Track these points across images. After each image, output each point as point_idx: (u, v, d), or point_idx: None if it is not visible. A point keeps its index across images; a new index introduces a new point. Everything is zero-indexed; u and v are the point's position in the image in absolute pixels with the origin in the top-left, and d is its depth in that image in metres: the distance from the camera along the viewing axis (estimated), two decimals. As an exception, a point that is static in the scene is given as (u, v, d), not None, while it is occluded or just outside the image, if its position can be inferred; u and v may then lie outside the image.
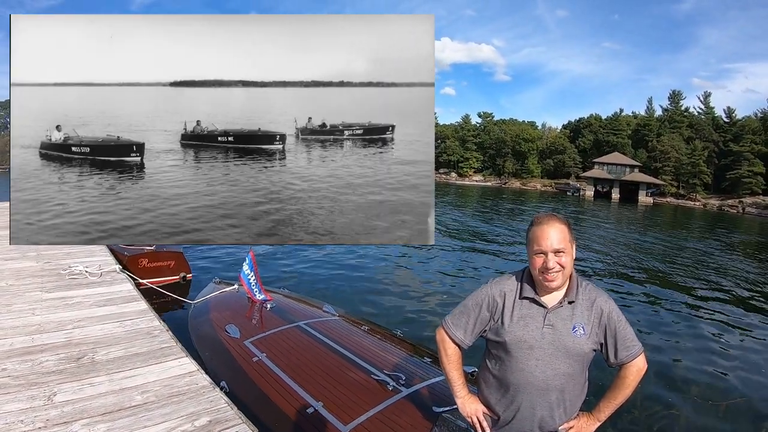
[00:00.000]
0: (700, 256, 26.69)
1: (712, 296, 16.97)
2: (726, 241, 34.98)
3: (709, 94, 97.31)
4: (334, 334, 6.92)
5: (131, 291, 8.71)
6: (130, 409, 4.65)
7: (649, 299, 15.89)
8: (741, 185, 78.18)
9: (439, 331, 3.22)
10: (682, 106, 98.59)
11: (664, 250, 27.96)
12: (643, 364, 3.00)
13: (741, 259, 27.06)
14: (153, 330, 6.82)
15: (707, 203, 79.19)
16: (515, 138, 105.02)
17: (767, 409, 8.45)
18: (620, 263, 22.43)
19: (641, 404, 8.11)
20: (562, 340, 2.89)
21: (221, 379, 5.97)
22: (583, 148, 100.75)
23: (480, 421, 3.16)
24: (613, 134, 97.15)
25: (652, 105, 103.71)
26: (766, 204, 72.50)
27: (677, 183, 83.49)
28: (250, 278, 8.75)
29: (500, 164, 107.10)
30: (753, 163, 78.04)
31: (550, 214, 2.94)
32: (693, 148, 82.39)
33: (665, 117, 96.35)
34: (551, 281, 2.87)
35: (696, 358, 10.66)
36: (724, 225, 50.64)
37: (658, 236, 34.75)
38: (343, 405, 5.03)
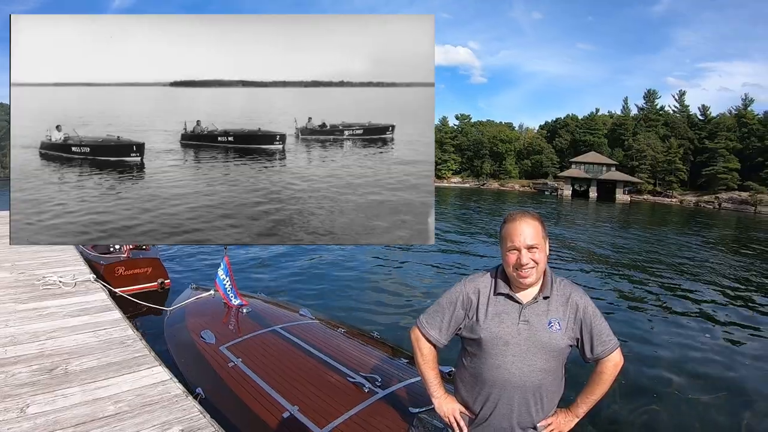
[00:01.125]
0: (677, 251, 26.81)
1: (690, 291, 16.97)
2: (703, 236, 35.21)
3: (683, 92, 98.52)
4: (310, 337, 6.79)
5: (105, 300, 8.52)
6: (103, 420, 4.52)
7: (627, 295, 15.86)
8: (717, 181, 78.84)
9: (414, 330, 3.15)
10: (658, 105, 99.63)
11: (642, 246, 28.08)
12: (620, 359, 2.97)
13: (718, 253, 27.21)
14: (126, 339, 6.66)
15: (684, 200, 79.82)
16: (493, 139, 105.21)
17: (748, 403, 8.37)
18: (599, 260, 22.53)
19: (622, 400, 8.02)
20: (537, 335, 2.84)
21: (197, 386, 5.83)
22: (560, 148, 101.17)
23: (457, 420, 3.07)
24: (589, 134, 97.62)
25: (628, 104, 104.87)
26: (742, 199, 73.18)
27: (654, 180, 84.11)
28: (225, 283, 8.58)
29: (478, 165, 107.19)
30: (728, 160, 78.74)
31: (523, 211, 2.91)
32: (669, 146, 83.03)
33: (641, 116, 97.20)
34: (525, 277, 2.82)
35: (675, 352, 10.59)
36: (701, 221, 51.10)
37: (635, 233, 34.98)
38: (319, 408, 4.92)
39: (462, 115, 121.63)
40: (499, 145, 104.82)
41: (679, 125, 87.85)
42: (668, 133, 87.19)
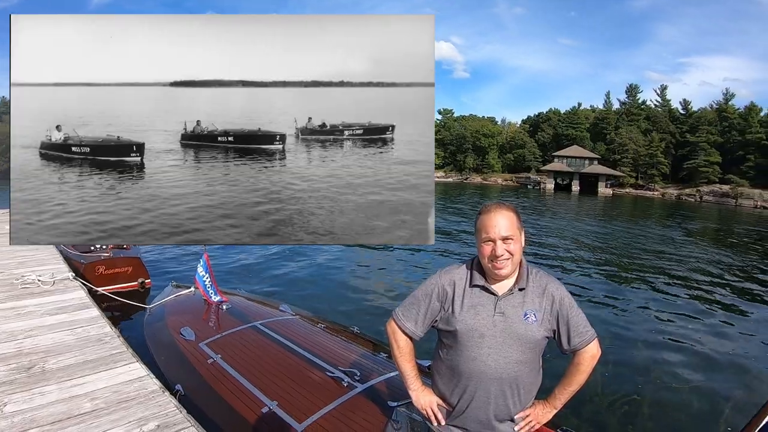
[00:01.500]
0: (659, 243, 26.99)
1: (670, 282, 17.09)
2: (685, 229, 35.52)
3: (665, 87, 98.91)
4: (289, 333, 6.76)
5: (84, 298, 8.49)
6: (79, 417, 4.51)
7: (609, 286, 15.99)
8: (698, 174, 79.55)
9: (390, 323, 3.14)
10: (639, 99, 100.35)
11: (624, 238, 28.27)
12: (597, 350, 2.97)
13: (700, 245, 27.43)
14: (104, 336, 6.65)
15: (666, 193, 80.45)
16: (475, 134, 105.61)
17: (730, 392, 8.39)
18: (580, 252, 22.65)
19: (602, 391, 8.02)
20: (513, 327, 2.83)
21: (176, 383, 5.79)
22: (543, 142, 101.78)
23: (434, 412, 3.07)
24: (572, 128, 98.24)
25: (610, 99, 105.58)
26: (723, 192, 73.94)
27: (636, 174, 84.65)
28: (205, 280, 8.50)
29: (461, 160, 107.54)
30: (709, 153, 79.44)
31: (498, 203, 2.89)
32: (650, 139, 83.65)
33: (623, 110, 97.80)
34: (500, 269, 2.81)
35: (656, 343, 10.65)
36: (683, 213, 51.66)
37: (618, 226, 35.19)
38: (298, 404, 4.90)
39: (445, 109, 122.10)
40: (481, 139, 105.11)
41: (660, 119, 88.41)
42: (650, 127, 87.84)
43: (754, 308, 14.10)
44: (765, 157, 74.43)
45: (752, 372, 9.34)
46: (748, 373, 9.28)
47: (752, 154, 76.43)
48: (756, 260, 22.96)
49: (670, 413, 7.58)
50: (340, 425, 4.54)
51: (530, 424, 3.03)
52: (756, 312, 13.71)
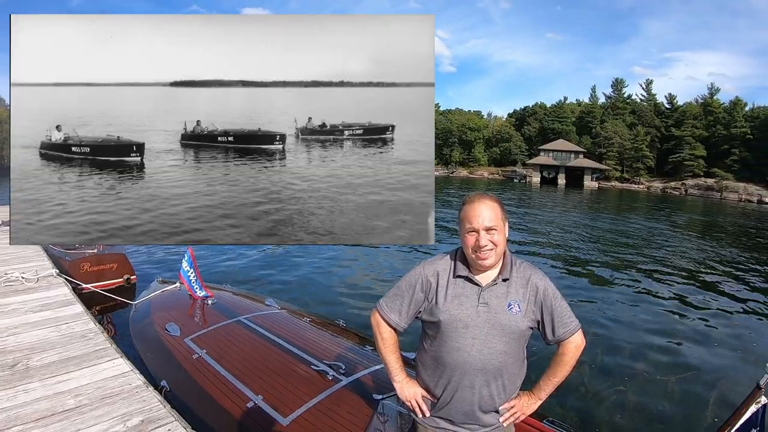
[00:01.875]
0: (645, 235, 27.24)
1: (656, 274, 17.24)
2: (670, 221, 35.77)
3: (651, 81, 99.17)
4: (274, 327, 6.77)
5: (68, 295, 8.49)
6: (63, 414, 4.53)
7: (594, 278, 16.12)
8: (683, 168, 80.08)
9: (374, 314, 3.12)
10: (625, 93, 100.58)
11: (610, 231, 28.42)
12: (581, 341, 2.96)
13: (685, 237, 27.68)
14: (88, 333, 6.66)
15: (651, 186, 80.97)
16: (461, 127, 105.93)
17: (715, 383, 8.45)
18: (567, 245, 22.77)
19: (588, 382, 8.08)
20: (497, 317, 2.82)
21: (161, 379, 5.78)
22: (529, 136, 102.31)
23: (419, 404, 3.04)
24: (557, 122, 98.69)
25: (596, 93, 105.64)
26: (708, 185, 74.55)
27: (621, 167, 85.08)
28: (190, 275, 8.48)
29: (447, 154, 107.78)
30: (694, 147, 79.96)
31: (481, 193, 2.88)
32: (636, 133, 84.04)
33: (608, 104, 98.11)
34: (484, 259, 2.80)
35: (641, 334, 10.73)
36: (668, 206, 51.94)
37: (603, 218, 35.42)
38: (283, 397, 4.90)
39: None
40: (467, 133, 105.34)
41: (646, 113, 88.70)
42: (635, 121, 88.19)
43: (738, 300, 14.23)
44: (749, 151, 75.15)
45: (736, 364, 9.44)
46: (732, 364, 9.38)
47: (737, 148, 77.13)
48: (741, 253, 23.09)
49: (655, 404, 7.62)
50: (326, 419, 4.55)
51: (515, 415, 3.04)
52: (740, 304, 13.85)
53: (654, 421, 7.20)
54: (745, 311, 13.06)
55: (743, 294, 15.03)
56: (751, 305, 13.76)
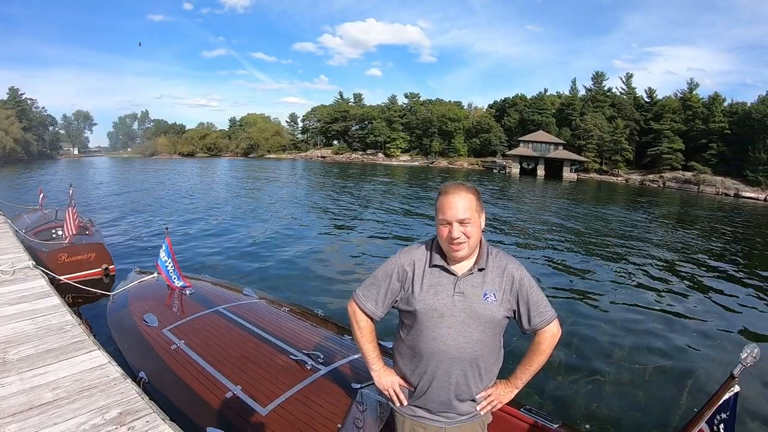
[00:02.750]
0: (622, 225, 27.94)
1: (633, 264, 17.58)
2: (647, 212, 36.79)
3: (631, 75, 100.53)
4: (253, 317, 6.74)
5: (45, 287, 8.19)
6: (41, 407, 4.42)
7: (571, 267, 16.35)
8: (661, 161, 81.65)
9: (351, 303, 3.12)
10: (605, 86, 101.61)
11: (588, 221, 29.12)
12: (557, 330, 2.98)
13: (661, 228, 28.45)
14: (65, 325, 6.48)
15: (629, 178, 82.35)
16: (442, 118, 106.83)
17: (691, 372, 8.58)
18: (544, 235, 23.14)
19: (565, 370, 8.17)
20: (473, 307, 2.83)
21: (140, 370, 5.71)
22: (509, 127, 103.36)
23: (396, 392, 3.06)
24: (537, 113, 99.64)
25: (576, 85, 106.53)
26: (686, 179, 76.11)
27: (600, 159, 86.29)
28: (167, 265, 8.36)
29: (427, 144, 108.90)
30: (673, 141, 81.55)
31: (458, 184, 2.85)
32: (615, 126, 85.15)
33: (588, 97, 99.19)
34: (457, 251, 2.80)
35: (618, 323, 10.87)
36: (646, 198, 53.29)
37: (582, 209, 36.19)
38: (262, 387, 4.90)
39: (411, 93, 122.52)
40: (448, 123, 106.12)
41: (625, 106, 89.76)
42: (615, 114, 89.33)
43: (714, 291, 14.49)
44: (727, 146, 76.86)
45: (711, 353, 9.58)
46: (707, 353, 9.53)
47: (715, 142, 78.60)
48: (717, 244, 23.73)
49: (632, 392, 7.70)
50: (304, 408, 4.54)
51: (492, 404, 3.05)
52: (715, 294, 14.11)
53: (630, 409, 7.28)
54: (720, 302, 13.31)
55: (719, 284, 15.31)
56: (725, 295, 14.04)
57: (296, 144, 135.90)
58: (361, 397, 4.23)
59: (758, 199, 65.66)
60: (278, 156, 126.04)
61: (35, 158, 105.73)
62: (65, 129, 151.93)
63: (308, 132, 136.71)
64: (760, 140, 70.23)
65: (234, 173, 64.03)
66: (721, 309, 12.53)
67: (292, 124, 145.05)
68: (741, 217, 39.23)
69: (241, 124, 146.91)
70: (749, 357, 2.67)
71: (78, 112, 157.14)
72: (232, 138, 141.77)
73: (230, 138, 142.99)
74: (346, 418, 4.27)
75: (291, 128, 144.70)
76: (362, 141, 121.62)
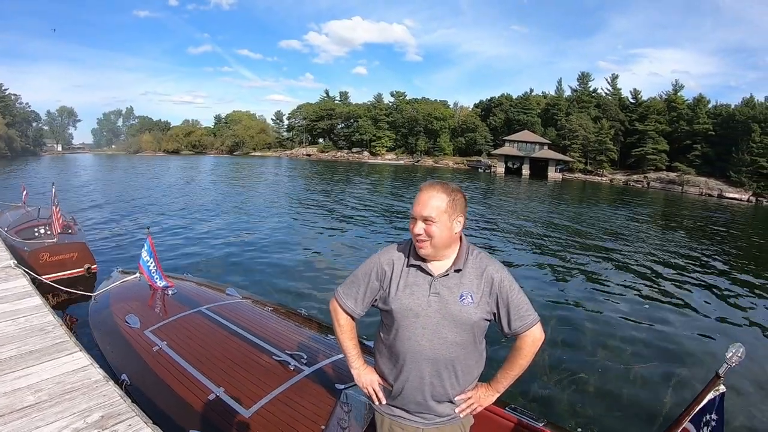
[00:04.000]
0: (606, 225, 28.17)
1: (617, 263, 17.72)
2: (632, 212, 37.12)
3: (616, 76, 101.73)
4: (236, 317, 6.70)
5: (26, 287, 8.11)
6: (22, 411, 4.38)
7: (556, 267, 16.45)
8: (646, 161, 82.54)
9: (332, 301, 3.16)
10: (591, 87, 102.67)
11: (572, 220, 29.35)
12: (540, 335, 2.94)
13: (646, 228, 28.73)
14: (47, 326, 6.42)
15: (614, 178, 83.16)
16: (427, 116, 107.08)
17: (676, 371, 8.63)
18: (529, 234, 23.27)
19: (550, 370, 8.18)
20: (448, 308, 2.80)
21: (122, 372, 5.67)
22: (494, 127, 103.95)
23: (375, 390, 3.07)
24: (523, 113, 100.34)
25: (562, 86, 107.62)
26: (670, 179, 77.04)
27: (585, 159, 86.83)
28: (149, 265, 8.29)
29: (413, 142, 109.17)
30: (657, 141, 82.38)
31: (436, 182, 2.84)
32: (600, 126, 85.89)
33: (574, 97, 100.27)
34: (420, 248, 2.83)
35: (604, 322, 10.92)
36: (630, 198, 53.66)
37: (566, 209, 36.51)
38: (245, 389, 4.86)
39: (397, 92, 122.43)
40: (433, 122, 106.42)
41: (610, 107, 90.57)
42: (600, 115, 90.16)
43: (698, 290, 14.64)
44: (711, 147, 77.82)
45: (696, 352, 9.64)
46: (691, 353, 9.59)
47: (699, 144, 79.70)
48: (701, 244, 23.96)
49: (616, 393, 7.73)
50: (288, 409, 4.52)
51: (471, 406, 3.04)
52: (699, 293, 14.24)
53: (615, 408, 7.31)
54: (705, 301, 13.44)
55: (703, 284, 15.46)
56: (710, 295, 14.18)
57: (282, 142, 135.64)
58: (345, 397, 4.21)
59: (741, 199, 66.93)
60: (263, 154, 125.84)
61: (18, 154, 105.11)
62: (49, 125, 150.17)
63: (294, 130, 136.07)
64: (743, 142, 71.35)
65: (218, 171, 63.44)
66: (706, 309, 12.64)
67: (278, 121, 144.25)
68: (725, 218, 39.77)
69: (226, 121, 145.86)
70: (734, 356, 2.66)
71: (62, 108, 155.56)
72: (218, 135, 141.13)
73: (215, 135, 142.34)
74: (330, 419, 4.25)
75: (276, 126, 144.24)
76: (348, 139, 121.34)
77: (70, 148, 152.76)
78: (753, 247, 25.00)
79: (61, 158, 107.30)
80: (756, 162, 68.95)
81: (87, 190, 36.72)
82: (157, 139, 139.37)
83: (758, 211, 53.33)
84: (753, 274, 17.56)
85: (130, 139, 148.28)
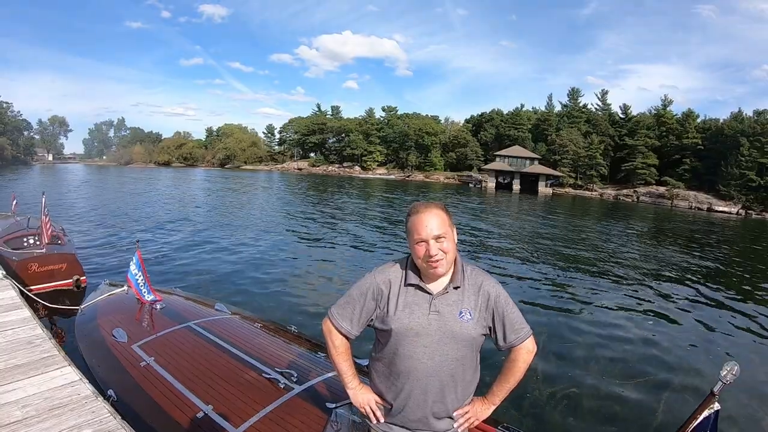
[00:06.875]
0: (597, 240, 28.34)
1: (609, 277, 17.74)
2: (622, 227, 37.38)
3: (606, 92, 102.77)
4: (225, 333, 6.60)
5: (14, 298, 7.98)
6: (9, 427, 4.25)
7: (548, 282, 16.37)
8: (635, 176, 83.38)
9: (326, 322, 3.10)
10: (581, 102, 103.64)
11: (563, 235, 29.49)
12: (533, 347, 2.99)
13: (637, 242, 28.85)
14: (35, 339, 6.31)
15: (604, 193, 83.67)
16: (418, 131, 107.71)
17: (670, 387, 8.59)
18: (520, 249, 23.24)
19: (542, 386, 8.12)
20: (448, 325, 2.82)
21: (108, 387, 5.51)
22: (485, 142, 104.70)
23: (373, 410, 3.04)
24: (514, 128, 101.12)
25: (552, 101, 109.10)
26: (659, 193, 77.80)
27: (575, 174, 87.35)
28: (138, 279, 8.15)
29: (404, 157, 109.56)
30: (647, 156, 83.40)
31: (427, 202, 2.86)
32: (590, 141, 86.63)
33: (564, 113, 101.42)
34: (436, 268, 2.78)
35: (593, 337, 10.87)
36: (620, 212, 54.33)
37: (558, 223, 36.77)
38: (234, 407, 4.76)
39: (388, 107, 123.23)
40: (424, 137, 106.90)
41: (600, 122, 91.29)
42: (590, 130, 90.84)
43: (691, 306, 14.58)
44: (700, 161, 78.97)
45: (691, 369, 9.56)
46: (686, 369, 9.51)
47: (688, 158, 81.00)
48: (692, 258, 24.04)
49: (609, 407, 7.69)
50: (278, 428, 4.43)
51: (469, 421, 3.05)
52: (692, 309, 14.17)
53: (608, 425, 7.24)
54: (698, 317, 13.37)
55: (696, 299, 15.46)
56: (702, 310, 14.14)
57: (273, 156, 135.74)
58: (335, 416, 4.20)
59: (731, 213, 67.76)
60: (255, 167, 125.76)
61: (9, 163, 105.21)
62: (40, 134, 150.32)
63: (285, 144, 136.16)
64: (732, 156, 72.38)
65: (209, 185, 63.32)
66: (700, 324, 12.59)
67: (269, 135, 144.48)
68: (714, 231, 40.03)
69: (218, 134, 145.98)
70: (729, 374, 2.65)
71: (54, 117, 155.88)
72: (209, 148, 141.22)
73: (207, 148, 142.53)
74: None
75: (268, 139, 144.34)
76: (339, 153, 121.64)
77: (61, 158, 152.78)
78: (744, 260, 25.16)
79: (52, 168, 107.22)
80: (745, 175, 69.97)
81: (77, 200, 36.54)
82: (148, 151, 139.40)
83: (747, 224, 53.85)
84: (745, 287, 17.72)
85: (122, 150, 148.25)
